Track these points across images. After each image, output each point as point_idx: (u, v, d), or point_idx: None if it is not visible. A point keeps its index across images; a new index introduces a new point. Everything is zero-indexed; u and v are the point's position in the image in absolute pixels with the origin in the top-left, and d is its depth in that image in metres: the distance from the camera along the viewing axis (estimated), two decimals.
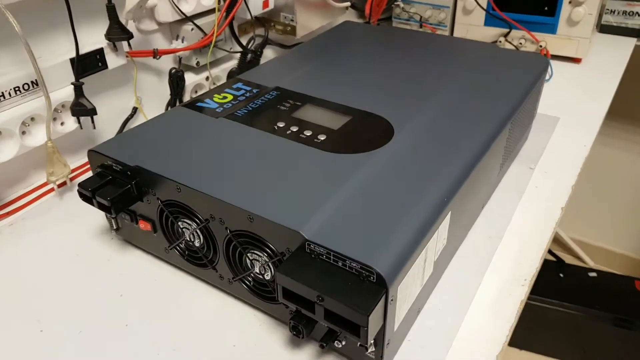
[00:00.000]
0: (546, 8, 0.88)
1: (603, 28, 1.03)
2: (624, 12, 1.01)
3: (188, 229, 0.44)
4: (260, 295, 0.43)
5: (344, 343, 0.39)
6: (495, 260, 0.50)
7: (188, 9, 0.71)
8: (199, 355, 0.41)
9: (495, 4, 0.90)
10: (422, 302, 0.43)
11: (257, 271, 0.42)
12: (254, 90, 0.56)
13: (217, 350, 0.41)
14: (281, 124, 0.50)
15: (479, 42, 0.70)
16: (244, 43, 0.83)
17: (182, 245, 0.47)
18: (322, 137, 0.47)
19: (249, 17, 0.81)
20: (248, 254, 0.41)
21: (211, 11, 0.76)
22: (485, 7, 0.91)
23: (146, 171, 0.44)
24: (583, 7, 0.85)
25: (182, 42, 0.73)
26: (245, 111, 0.52)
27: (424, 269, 0.40)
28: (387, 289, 0.33)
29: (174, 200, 0.43)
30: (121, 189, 0.44)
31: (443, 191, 0.41)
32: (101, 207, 0.45)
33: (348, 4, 0.93)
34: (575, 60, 0.91)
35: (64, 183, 0.61)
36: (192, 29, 0.72)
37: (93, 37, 0.62)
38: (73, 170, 0.63)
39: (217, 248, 0.43)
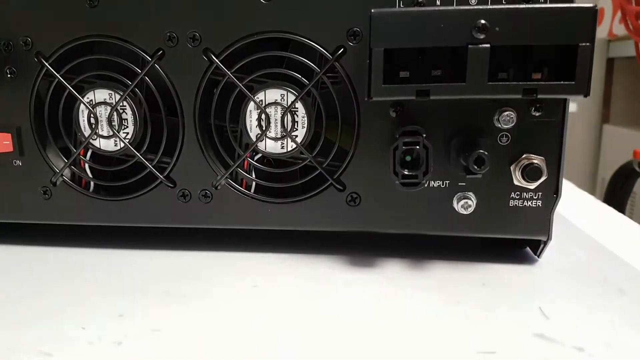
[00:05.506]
0: None
1: None
2: None
3: (107, 105, 0.22)
4: (285, 191, 0.23)
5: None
6: None
7: None
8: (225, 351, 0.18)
9: None
10: None
11: (274, 134, 0.22)
12: None
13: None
14: None
15: None
16: None
17: (85, 159, 0.23)
18: None
19: None
20: (257, 98, 0.22)
21: None
22: None
23: None
24: None
25: None
26: None
27: None
28: None
29: (75, 42, 0.22)
30: None
31: None
32: None
33: None
34: None
35: None
36: None
37: None
38: None
39: (180, 128, 0.22)
